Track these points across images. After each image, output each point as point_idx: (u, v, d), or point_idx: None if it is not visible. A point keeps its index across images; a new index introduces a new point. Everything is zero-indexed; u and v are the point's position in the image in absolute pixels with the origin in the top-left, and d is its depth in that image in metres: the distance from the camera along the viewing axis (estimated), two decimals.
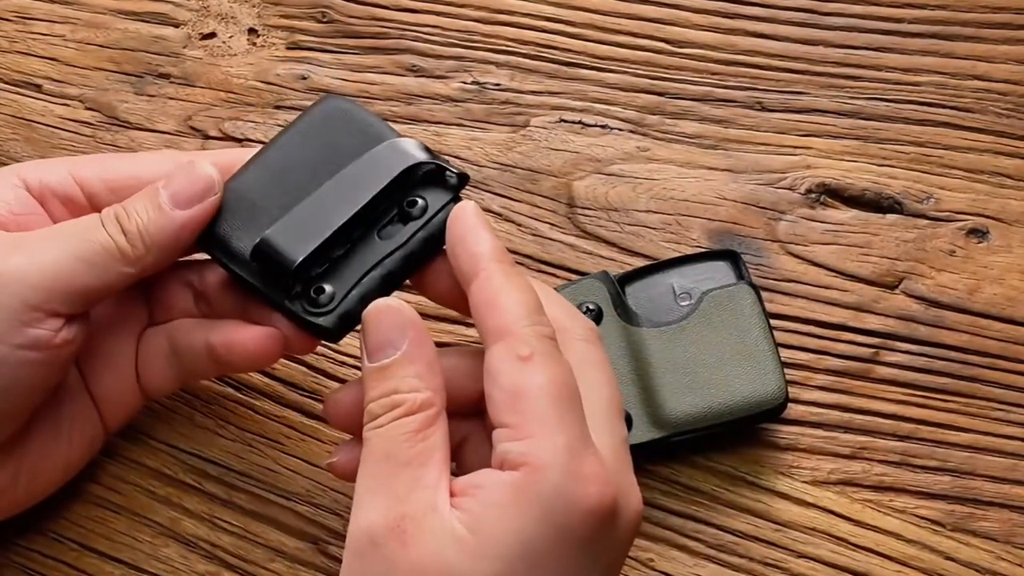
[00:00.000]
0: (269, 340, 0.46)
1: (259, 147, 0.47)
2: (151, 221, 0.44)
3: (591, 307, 0.50)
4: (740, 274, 0.52)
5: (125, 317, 0.48)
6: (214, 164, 0.46)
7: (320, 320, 0.44)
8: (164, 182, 0.45)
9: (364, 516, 0.39)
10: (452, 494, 0.39)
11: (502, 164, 0.57)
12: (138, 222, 0.44)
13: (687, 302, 0.51)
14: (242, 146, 0.58)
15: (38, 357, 0.43)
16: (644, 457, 0.50)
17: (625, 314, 0.50)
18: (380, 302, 0.42)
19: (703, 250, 0.53)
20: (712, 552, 0.49)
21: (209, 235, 0.45)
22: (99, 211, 0.45)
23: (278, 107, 0.59)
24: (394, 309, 0.42)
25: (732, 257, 0.52)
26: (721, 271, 0.52)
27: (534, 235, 0.55)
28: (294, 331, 0.45)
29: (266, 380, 0.52)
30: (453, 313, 0.53)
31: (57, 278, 0.43)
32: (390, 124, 0.47)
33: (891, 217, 0.55)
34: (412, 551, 0.38)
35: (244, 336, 0.46)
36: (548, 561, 0.38)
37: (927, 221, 0.55)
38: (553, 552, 0.38)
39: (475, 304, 0.42)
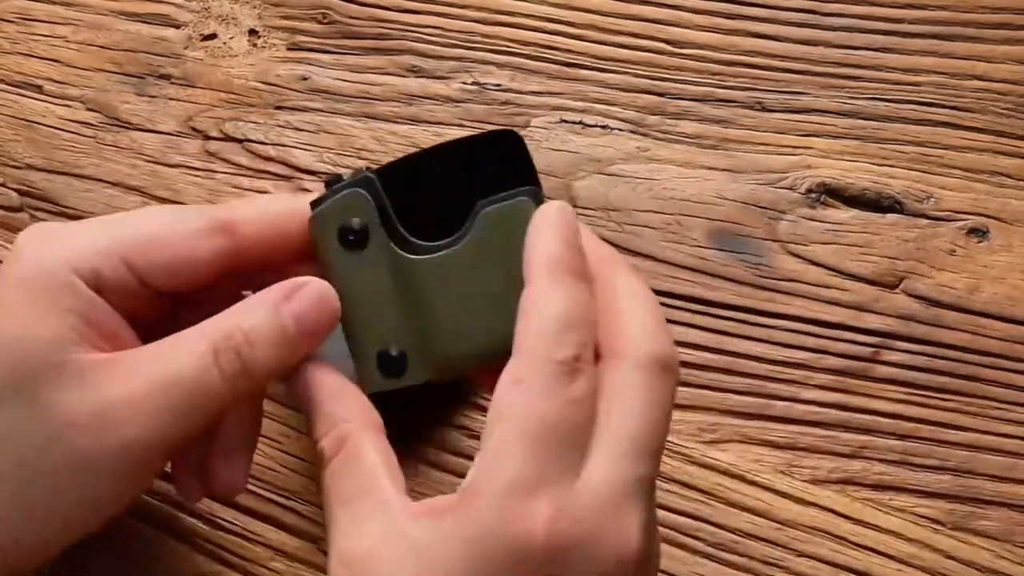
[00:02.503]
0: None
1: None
2: (276, 359, 0.40)
3: (356, 227, 0.42)
4: (524, 174, 0.42)
5: None
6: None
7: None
8: (283, 301, 0.41)
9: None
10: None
11: None
12: (265, 364, 0.40)
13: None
14: (242, 147, 0.58)
15: (131, 498, 0.42)
16: (425, 395, 0.46)
17: (394, 234, 0.43)
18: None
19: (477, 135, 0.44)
20: (711, 550, 0.49)
21: None
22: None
23: (279, 108, 0.59)
24: None
25: (510, 139, 0.43)
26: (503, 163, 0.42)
27: None
28: None
29: None
30: None
31: (163, 445, 0.40)
32: None
33: (891, 217, 0.55)
34: None
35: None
36: None
37: (927, 221, 0.55)
38: None
39: (518, 316, 0.38)
